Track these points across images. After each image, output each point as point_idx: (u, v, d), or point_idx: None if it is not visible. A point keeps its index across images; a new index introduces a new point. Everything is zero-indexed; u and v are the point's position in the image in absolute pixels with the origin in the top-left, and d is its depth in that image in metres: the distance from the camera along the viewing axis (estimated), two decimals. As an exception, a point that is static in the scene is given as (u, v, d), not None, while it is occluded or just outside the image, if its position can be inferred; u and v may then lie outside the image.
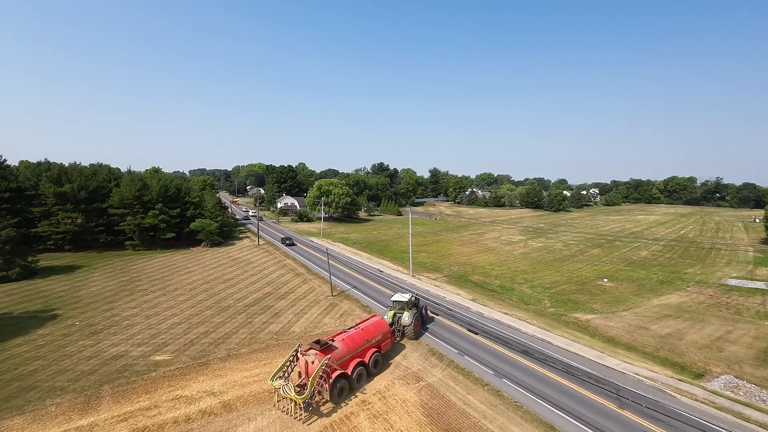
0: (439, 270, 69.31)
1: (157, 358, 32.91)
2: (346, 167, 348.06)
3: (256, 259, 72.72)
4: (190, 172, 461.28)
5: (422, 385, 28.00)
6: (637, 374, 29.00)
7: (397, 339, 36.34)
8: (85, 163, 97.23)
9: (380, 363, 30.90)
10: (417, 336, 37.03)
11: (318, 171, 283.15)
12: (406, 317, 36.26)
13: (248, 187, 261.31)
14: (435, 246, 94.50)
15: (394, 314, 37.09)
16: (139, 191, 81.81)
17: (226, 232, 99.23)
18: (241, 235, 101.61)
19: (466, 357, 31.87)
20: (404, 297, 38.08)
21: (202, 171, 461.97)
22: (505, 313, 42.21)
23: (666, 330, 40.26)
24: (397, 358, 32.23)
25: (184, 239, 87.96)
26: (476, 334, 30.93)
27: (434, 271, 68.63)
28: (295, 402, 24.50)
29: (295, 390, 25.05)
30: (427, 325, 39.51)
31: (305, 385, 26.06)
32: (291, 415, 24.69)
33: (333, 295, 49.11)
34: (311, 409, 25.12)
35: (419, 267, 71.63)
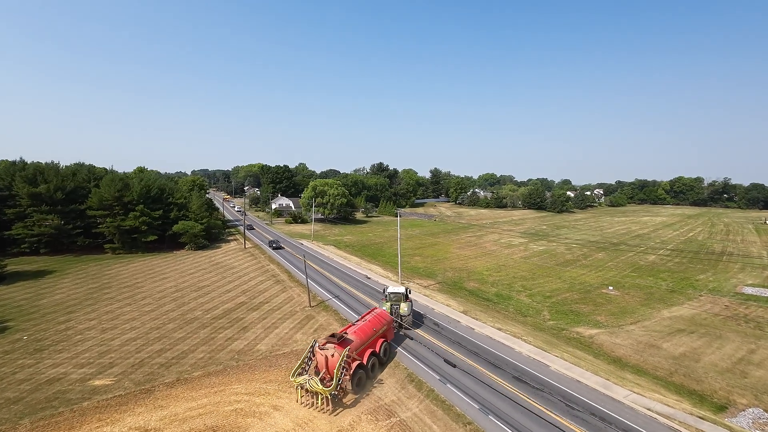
0: (432, 276, 64.96)
1: (97, 382, 28.82)
2: (348, 168, 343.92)
3: (239, 263, 68.68)
4: (192, 172, 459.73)
5: (394, 422, 23.66)
6: (649, 409, 24.52)
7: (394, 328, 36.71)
8: (83, 163, 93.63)
9: (389, 351, 32.58)
10: (413, 326, 38.32)
11: (318, 171, 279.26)
12: (405, 308, 37.49)
13: (246, 188, 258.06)
14: (431, 249, 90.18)
15: (391, 306, 37.67)
16: (119, 192, 78.04)
17: (215, 234, 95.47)
18: (229, 238, 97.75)
19: (448, 385, 27.49)
20: (400, 288, 39.30)
21: (205, 171, 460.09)
22: (498, 329, 37.79)
23: (680, 349, 35.71)
24: (370, 385, 27.89)
25: (168, 242, 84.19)
26: (454, 366, 26.97)
27: (427, 277, 64.28)
28: (321, 395, 24.91)
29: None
30: (410, 343, 35.21)
31: (324, 379, 26.56)
32: (316, 408, 24.95)
33: (311, 306, 44.89)
34: (337, 400, 25.63)
35: (411, 272, 67.35)
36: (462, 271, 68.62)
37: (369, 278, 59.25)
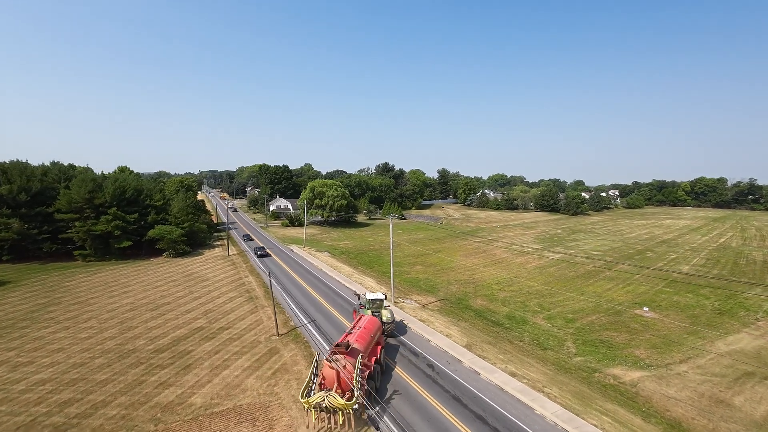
0: (433, 291, 56.27)
1: (-46, 458, 20.91)
2: (355, 169, 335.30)
3: (215, 275, 60.80)
4: (200, 172, 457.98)
5: None
6: None
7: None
8: (57, 161, 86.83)
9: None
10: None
11: (324, 172, 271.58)
12: (387, 314, 35.75)
13: (248, 189, 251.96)
14: (435, 256, 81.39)
15: (372, 313, 35.23)
16: (90, 193, 70.93)
17: (201, 238, 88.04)
18: (216, 243, 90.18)
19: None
20: (379, 295, 37.02)
21: (213, 172, 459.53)
22: (512, 374, 28.92)
23: (761, 407, 26.50)
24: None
25: (146, 248, 76.84)
26: None
27: (427, 292, 55.62)
28: (343, 411, 21.75)
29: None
30: (394, 397, 26.61)
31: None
32: (339, 428, 22.33)
33: (279, 335, 36.52)
34: (359, 415, 23.01)
35: (410, 286, 58.77)
36: (468, 285, 59.79)
37: (358, 295, 50.66)
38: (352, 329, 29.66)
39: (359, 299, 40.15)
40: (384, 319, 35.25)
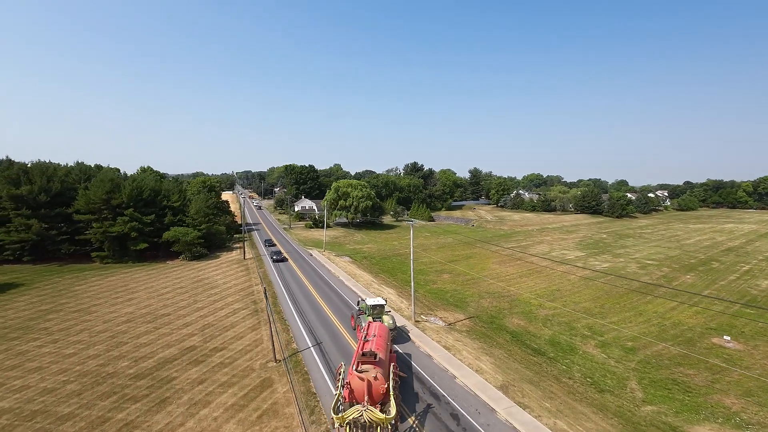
0: (461, 306, 49.52)
1: None
2: (384, 169, 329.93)
3: (225, 281, 56.91)
4: (235, 173, 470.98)
5: None
6: None
7: None
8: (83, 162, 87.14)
9: None
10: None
11: (353, 173, 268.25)
12: (390, 320, 34.52)
13: (276, 189, 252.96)
14: (464, 263, 74.26)
15: (374, 320, 33.50)
16: (107, 193, 69.47)
17: (221, 240, 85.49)
18: (235, 245, 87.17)
19: None
20: (380, 301, 35.78)
21: (248, 172, 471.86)
22: (563, 433, 21.98)
23: None
24: None
25: (163, 250, 74.77)
26: None
27: (455, 307, 48.96)
28: (380, 427, 19.31)
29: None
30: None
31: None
32: None
33: (277, 361, 31.18)
34: (395, 429, 20.66)
35: (435, 299, 52.40)
36: (502, 299, 52.53)
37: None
38: (366, 337, 26.93)
39: (358, 304, 38.67)
40: (389, 325, 33.76)
